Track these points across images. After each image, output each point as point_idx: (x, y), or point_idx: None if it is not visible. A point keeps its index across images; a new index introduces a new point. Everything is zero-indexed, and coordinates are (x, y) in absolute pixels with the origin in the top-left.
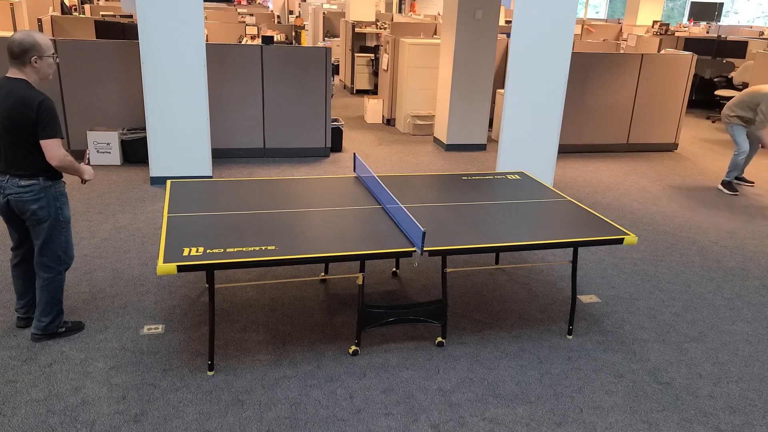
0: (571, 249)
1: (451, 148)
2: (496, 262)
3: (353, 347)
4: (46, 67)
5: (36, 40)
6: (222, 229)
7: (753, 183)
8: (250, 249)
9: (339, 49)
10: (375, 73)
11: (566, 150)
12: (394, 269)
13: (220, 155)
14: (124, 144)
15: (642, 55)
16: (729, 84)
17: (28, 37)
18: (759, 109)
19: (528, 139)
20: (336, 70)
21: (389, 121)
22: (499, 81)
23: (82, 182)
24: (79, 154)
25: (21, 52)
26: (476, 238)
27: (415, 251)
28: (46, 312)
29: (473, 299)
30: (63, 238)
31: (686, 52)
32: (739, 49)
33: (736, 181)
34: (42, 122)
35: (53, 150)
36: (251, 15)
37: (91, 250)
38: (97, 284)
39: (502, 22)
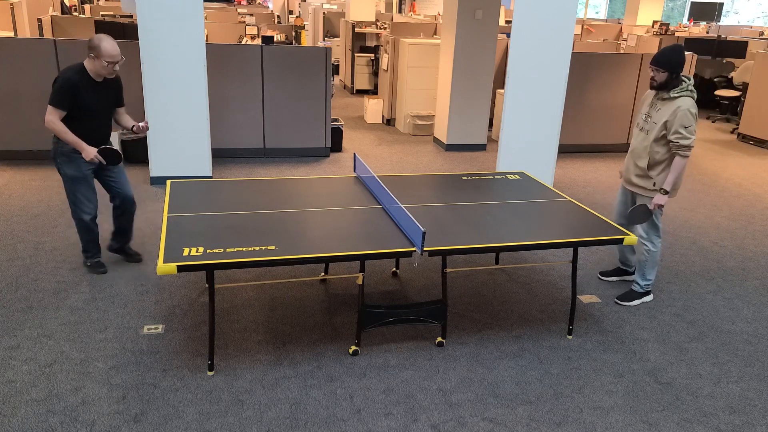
0: (571, 249)
1: (451, 148)
2: (496, 262)
3: (353, 347)
4: (100, 68)
5: (98, 44)
6: (222, 229)
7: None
8: (250, 249)
9: (339, 49)
10: (375, 73)
11: (566, 150)
12: (394, 269)
13: (220, 155)
14: (124, 144)
15: (642, 55)
16: (729, 84)
17: (96, 39)
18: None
19: (528, 139)
20: (336, 70)
21: (389, 121)
22: (499, 81)
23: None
24: None
25: (87, 47)
26: (476, 238)
27: (415, 251)
28: (82, 243)
29: (473, 299)
30: (70, 193)
31: (686, 52)
32: (739, 49)
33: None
34: (51, 91)
35: (47, 114)
36: (251, 15)
37: None
38: (97, 284)
39: (502, 22)
